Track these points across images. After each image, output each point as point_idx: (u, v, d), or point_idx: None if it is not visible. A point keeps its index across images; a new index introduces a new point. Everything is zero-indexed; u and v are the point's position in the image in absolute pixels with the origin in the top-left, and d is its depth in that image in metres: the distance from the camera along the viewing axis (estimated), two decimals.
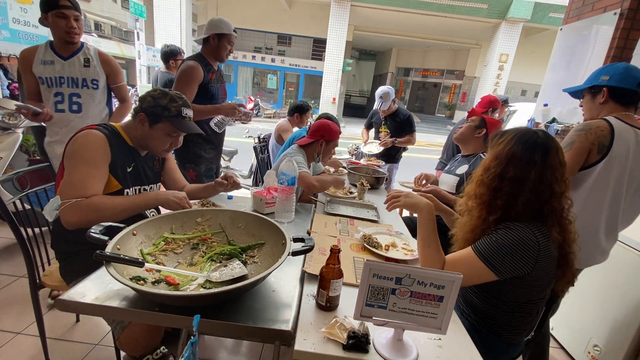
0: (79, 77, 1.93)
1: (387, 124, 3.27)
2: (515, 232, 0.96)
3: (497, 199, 1.01)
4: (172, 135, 1.30)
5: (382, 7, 11.65)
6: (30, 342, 1.62)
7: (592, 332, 1.78)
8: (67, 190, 1.11)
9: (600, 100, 1.46)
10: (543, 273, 0.98)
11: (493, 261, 0.95)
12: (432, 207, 1.11)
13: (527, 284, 1.00)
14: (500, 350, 1.11)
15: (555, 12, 11.08)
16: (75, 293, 0.86)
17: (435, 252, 1.06)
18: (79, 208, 1.08)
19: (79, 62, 1.93)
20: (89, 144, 1.16)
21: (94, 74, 1.98)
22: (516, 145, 1.00)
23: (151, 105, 1.24)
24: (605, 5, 2.44)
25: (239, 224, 1.18)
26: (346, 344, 0.79)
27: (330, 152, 2.03)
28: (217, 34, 2.16)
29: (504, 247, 0.95)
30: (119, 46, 21.00)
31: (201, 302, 0.84)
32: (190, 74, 2.06)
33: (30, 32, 2.63)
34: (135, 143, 1.31)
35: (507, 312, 1.06)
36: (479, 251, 0.98)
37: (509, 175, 0.99)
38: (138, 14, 9.35)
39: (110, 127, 1.26)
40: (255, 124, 12.13)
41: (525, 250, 0.94)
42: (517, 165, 0.98)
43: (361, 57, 22.77)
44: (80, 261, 1.26)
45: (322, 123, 1.98)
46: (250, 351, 1.73)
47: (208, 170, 2.39)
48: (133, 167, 1.30)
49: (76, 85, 1.94)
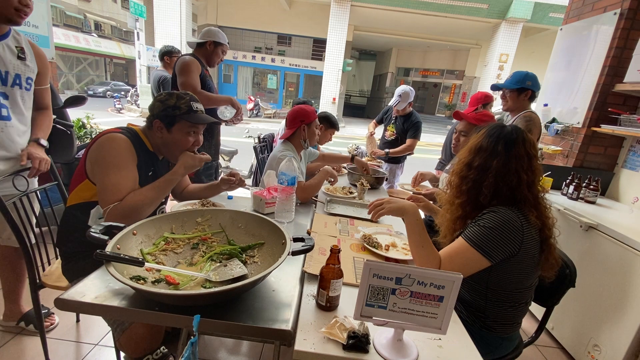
0: (9, 72, 1.42)
1: (395, 123, 3.26)
2: (500, 214, 1.02)
3: (463, 184, 1.12)
4: (192, 132, 1.30)
5: (382, 7, 11.65)
6: (30, 342, 1.62)
7: (592, 332, 1.78)
8: (105, 197, 1.14)
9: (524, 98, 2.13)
10: (527, 256, 1.03)
11: (484, 246, 1.00)
12: (416, 208, 1.15)
13: (513, 269, 1.04)
14: (494, 344, 1.13)
15: (555, 12, 11.09)
16: (76, 292, 0.86)
17: (429, 251, 1.07)
18: (120, 212, 1.12)
19: (10, 51, 1.42)
20: (116, 147, 1.17)
21: (30, 70, 1.50)
22: (484, 139, 1.11)
23: (162, 109, 1.25)
24: (605, 5, 2.44)
25: (239, 224, 1.18)
26: (346, 344, 0.79)
27: (314, 134, 2.03)
28: (214, 41, 2.29)
29: (491, 230, 1.00)
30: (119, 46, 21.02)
31: (201, 301, 0.84)
32: (190, 65, 2.14)
33: (30, 32, 2.62)
34: (155, 148, 1.32)
35: (496, 303, 1.10)
36: (469, 239, 1.03)
37: (475, 164, 1.09)
38: (138, 14, 9.36)
39: (132, 130, 1.27)
40: (255, 124, 12.13)
41: (511, 229, 1.00)
42: (482, 155, 1.09)
43: (361, 57, 22.78)
44: (84, 261, 1.26)
45: (295, 110, 1.98)
46: (250, 351, 1.73)
47: (207, 169, 2.41)
48: (152, 171, 1.31)
49: (3, 82, 1.42)
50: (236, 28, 16.08)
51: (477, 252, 1.00)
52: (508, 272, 1.05)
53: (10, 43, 1.43)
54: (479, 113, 1.93)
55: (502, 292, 1.09)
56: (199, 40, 2.30)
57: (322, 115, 2.63)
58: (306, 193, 1.77)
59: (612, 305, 1.70)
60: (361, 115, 20.72)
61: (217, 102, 2.25)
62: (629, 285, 1.63)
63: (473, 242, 1.01)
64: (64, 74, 19.36)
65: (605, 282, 1.75)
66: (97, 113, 3.92)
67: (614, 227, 1.74)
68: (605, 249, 1.77)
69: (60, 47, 16.17)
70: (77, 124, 2.96)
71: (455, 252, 1.04)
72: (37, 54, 1.55)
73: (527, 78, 2.08)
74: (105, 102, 14.55)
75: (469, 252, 1.01)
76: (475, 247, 1.00)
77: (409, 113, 3.20)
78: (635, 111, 2.37)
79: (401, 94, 3.06)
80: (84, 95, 2.25)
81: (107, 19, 20.80)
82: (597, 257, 1.81)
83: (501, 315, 1.11)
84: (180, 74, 2.13)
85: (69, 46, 17.12)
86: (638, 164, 2.31)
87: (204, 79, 2.23)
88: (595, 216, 1.92)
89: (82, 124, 3.04)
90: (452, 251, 1.05)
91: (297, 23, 15.49)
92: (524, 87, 2.08)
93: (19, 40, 1.47)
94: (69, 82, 20.01)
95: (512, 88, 2.11)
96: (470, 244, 1.02)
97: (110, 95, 16.99)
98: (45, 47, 2.76)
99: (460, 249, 1.04)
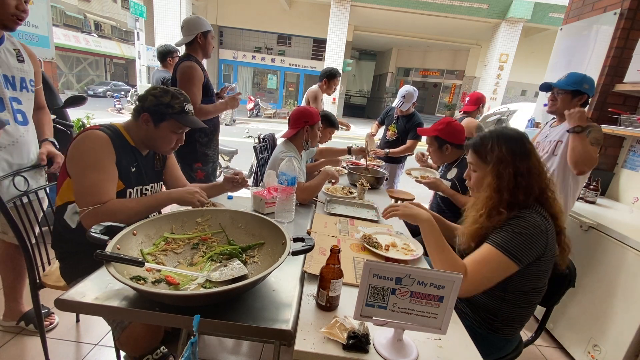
0: (15, 76, 1.44)
1: (397, 123, 3.26)
2: (525, 219, 1.01)
3: (517, 194, 1.06)
4: (178, 132, 1.30)
5: (382, 7, 11.64)
6: (30, 342, 1.62)
7: (592, 332, 1.78)
8: (82, 198, 1.13)
9: (577, 103, 1.83)
10: (550, 254, 1.03)
11: (513, 250, 0.98)
12: (431, 217, 1.15)
13: (535, 270, 1.03)
14: (498, 346, 1.12)
15: (555, 12, 11.07)
16: (76, 293, 0.86)
17: (450, 255, 1.06)
18: (96, 215, 1.11)
19: (11, 55, 1.43)
20: (93, 146, 1.16)
21: (29, 72, 1.51)
22: (508, 144, 1.08)
23: (154, 104, 1.23)
24: (605, 5, 2.44)
25: (239, 224, 1.18)
26: (346, 344, 0.79)
27: (317, 135, 2.03)
28: (202, 33, 2.19)
29: (520, 234, 0.99)
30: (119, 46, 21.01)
31: (201, 301, 0.84)
32: (193, 75, 2.09)
33: (30, 32, 2.62)
34: (138, 143, 1.31)
35: (512, 304, 1.08)
36: (497, 244, 1.00)
37: (522, 170, 1.06)
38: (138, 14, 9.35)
39: (112, 127, 1.26)
40: (255, 123, 12.12)
41: (538, 233, 0.99)
42: (521, 159, 1.06)
43: (361, 57, 22.77)
44: (81, 261, 1.26)
45: (300, 110, 1.97)
46: (250, 351, 1.73)
47: (213, 169, 2.42)
48: (136, 166, 1.30)
49: (13, 87, 1.44)
50: (236, 28, 16.08)
51: (507, 257, 0.98)
52: (529, 273, 1.04)
53: (9, 46, 1.43)
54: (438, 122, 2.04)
55: (520, 294, 1.07)
56: (188, 40, 2.20)
57: (322, 114, 2.63)
58: (305, 194, 1.76)
59: (612, 305, 1.70)
60: (361, 115, 20.72)
61: (216, 112, 2.22)
62: (628, 285, 1.63)
63: (501, 247, 0.99)
64: (64, 74, 19.36)
65: (605, 282, 1.75)
66: (97, 113, 3.93)
67: (614, 227, 1.74)
68: (605, 249, 1.77)
69: (60, 47, 16.17)
70: (77, 124, 2.96)
71: (481, 258, 1.01)
72: (29, 53, 1.55)
73: (584, 80, 1.81)
74: (105, 102, 14.55)
75: (497, 257, 0.99)
76: (504, 251, 0.98)
77: (411, 114, 3.20)
78: (635, 111, 2.37)
79: (405, 94, 3.06)
80: (84, 95, 2.24)
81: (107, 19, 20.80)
82: (597, 257, 1.81)
83: (513, 317, 1.10)
84: (181, 82, 2.09)
85: (69, 46, 17.12)
86: (638, 164, 2.31)
87: (207, 85, 2.18)
88: (595, 216, 1.92)
89: (82, 124, 3.03)
90: (478, 258, 1.02)
91: (297, 23, 15.48)
92: (580, 91, 1.80)
93: (14, 43, 1.46)
94: (69, 82, 20.01)
95: (567, 89, 1.82)
96: (499, 249, 0.99)
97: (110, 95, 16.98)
98: (45, 47, 2.77)
99: (487, 255, 1.01)
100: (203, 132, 2.24)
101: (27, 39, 2.60)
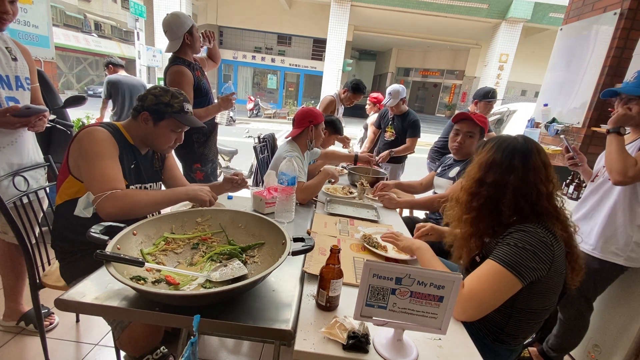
0: (9, 75, 1.41)
1: (394, 124, 3.26)
2: (529, 233, 0.97)
3: (474, 201, 1.07)
4: (177, 131, 1.32)
5: (382, 7, 11.64)
6: (30, 342, 1.62)
7: (592, 332, 1.78)
8: (95, 186, 1.12)
9: None
10: (557, 274, 0.99)
11: (516, 265, 0.93)
12: (426, 245, 1.21)
13: (542, 288, 0.99)
14: (502, 356, 1.11)
15: (555, 12, 11.07)
16: (76, 293, 0.86)
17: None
18: (115, 199, 1.09)
19: (3, 54, 1.40)
20: (97, 139, 1.17)
21: (24, 69, 1.47)
22: (496, 153, 1.05)
23: (154, 103, 1.24)
24: (605, 5, 2.44)
25: (239, 224, 1.18)
26: (346, 344, 0.79)
27: (320, 135, 2.03)
28: (187, 31, 2.12)
29: (523, 249, 0.94)
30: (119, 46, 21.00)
31: (201, 301, 0.84)
32: (181, 80, 2.05)
33: (30, 32, 2.62)
34: (137, 141, 1.31)
35: (519, 321, 1.04)
36: (500, 259, 0.95)
37: (489, 180, 1.04)
38: (138, 14, 9.34)
39: (112, 125, 1.27)
40: (255, 123, 12.12)
41: (543, 248, 0.95)
42: (496, 170, 1.04)
43: (361, 57, 22.76)
44: (80, 261, 1.26)
45: (304, 110, 1.98)
46: (250, 351, 1.73)
47: (213, 170, 2.41)
48: (135, 164, 1.31)
49: (9, 87, 1.41)
50: (236, 28, 16.08)
51: (510, 273, 0.92)
52: (536, 292, 0.99)
53: (1, 45, 1.41)
54: (480, 115, 1.95)
55: (528, 311, 1.03)
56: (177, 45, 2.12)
57: (327, 119, 2.62)
58: (305, 194, 1.76)
59: (612, 305, 1.70)
60: (361, 115, 20.68)
61: (209, 116, 2.18)
62: (628, 285, 1.62)
63: (504, 262, 0.94)
64: (64, 74, 19.34)
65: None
66: (97, 113, 3.92)
67: None
68: None
69: (60, 47, 16.15)
70: (77, 124, 2.96)
71: (482, 275, 0.96)
72: (23, 50, 1.51)
73: None
74: None
75: (499, 272, 0.93)
76: (507, 266, 0.93)
77: (405, 112, 3.20)
78: None
79: (391, 92, 3.07)
80: (83, 95, 2.24)
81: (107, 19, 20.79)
82: None
83: (519, 331, 1.07)
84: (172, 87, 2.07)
85: (69, 46, 17.11)
86: None
87: (199, 86, 2.14)
88: None
89: (82, 124, 3.04)
90: (479, 274, 0.97)
91: (297, 23, 15.48)
92: None
93: (5, 41, 1.43)
94: (69, 82, 20.00)
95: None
96: (501, 264, 0.94)
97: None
98: (45, 47, 2.77)
99: (488, 271, 0.95)
100: (200, 132, 2.23)
101: (27, 39, 2.60)
